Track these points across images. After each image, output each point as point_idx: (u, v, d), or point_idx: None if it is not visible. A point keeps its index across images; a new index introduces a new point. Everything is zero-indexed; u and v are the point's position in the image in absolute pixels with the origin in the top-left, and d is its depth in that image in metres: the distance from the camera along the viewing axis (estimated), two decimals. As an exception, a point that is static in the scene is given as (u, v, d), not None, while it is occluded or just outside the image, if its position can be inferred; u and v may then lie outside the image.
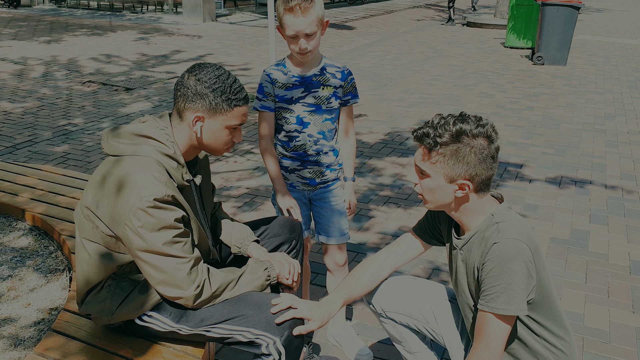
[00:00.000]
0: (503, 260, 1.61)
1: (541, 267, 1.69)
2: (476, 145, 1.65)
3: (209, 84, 1.78)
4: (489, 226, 1.71)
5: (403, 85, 8.33)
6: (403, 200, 4.42)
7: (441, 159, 1.67)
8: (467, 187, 1.69)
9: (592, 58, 11.00)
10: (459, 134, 1.65)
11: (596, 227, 4.03)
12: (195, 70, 1.81)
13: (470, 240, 1.77)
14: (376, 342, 2.78)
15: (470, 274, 1.77)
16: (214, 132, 1.84)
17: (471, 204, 1.73)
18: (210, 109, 1.80)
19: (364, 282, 2.02)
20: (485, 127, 1.67)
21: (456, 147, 1.65)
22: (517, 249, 1.61)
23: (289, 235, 2.28)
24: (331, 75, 2.41)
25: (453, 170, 1.67)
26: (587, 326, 2.94)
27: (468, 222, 1.77)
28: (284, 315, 1.79)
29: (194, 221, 1.87)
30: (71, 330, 2.00)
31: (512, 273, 1.60)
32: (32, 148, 5.47)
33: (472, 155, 1.65)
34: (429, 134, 1.67)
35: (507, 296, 1.61)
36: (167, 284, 1.76)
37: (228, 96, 1.80)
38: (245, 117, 1.88)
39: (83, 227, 1.83)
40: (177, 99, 1.82)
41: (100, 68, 9.05)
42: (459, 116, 1.69)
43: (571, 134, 6.19)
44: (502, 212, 1.73)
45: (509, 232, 1.64)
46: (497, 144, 1.70)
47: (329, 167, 2.52)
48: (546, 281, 1.71)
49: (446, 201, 1.74)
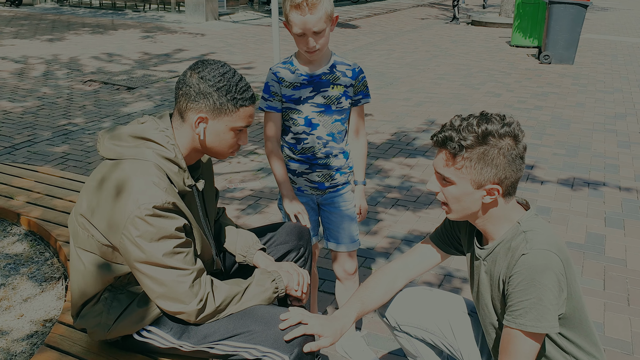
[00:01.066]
0: (532, 273, 1.48)
1: (572, 279, 1.56)
2: (504, 146, 1.53)
3: (213, 82, 1.65)
4: (516, 235, 1.58)
5: (409, 85, 8.20)
6: (412, 203, 4.29)
7: (467, 163, 1.54)
8: (497, 191, 1.56)
9: (599, 57, 10.85)
10: (485, 135, 1.52)
11: (612, 230, 3.90)
12: (198, 67, 1.68)
13: (495, 250, 1.64)
14: (387, 353, 2.66)
15: (495, 286, 1.64)
16: (218, 134, 1.71)
17: (498, 210, 1.61)
18: (215, 110, 1.67)
19: (378, 294, 1.89)
20: (511, 125, 1.54)
21: (483, 150, 1.53)
22: (548, 261, 1.48)
23: (296, 242, 2.16)
24: (341, 74, 2.28)
25: (481, 175, 1.54)
26: (607, 336, 2.81)
27: (493, 230, 1.64)
28: (294, 331, 1.66)
29: (196, 230, 1.74)
30: (65, 345, 1.88)
31: (543, 287, 1.48)
32: (31, 148, 5.35)
33: (500, 157, 1.53)
34: (452, 138, 1.54)
35: (537, 312, 1.48)
36: (168, 298, 1.63)
37: (233, 95, 1.67)
38: (252, 118, 1.75)
39: (77, 235, 1.71)
40: (178, 98, 1.69)
41: (101, 67, 8.93)
42: (481, 116, 1.56)
43: (582, 134, 6.05)
44: (529, 220, 1.60)
45: (538, 243, 1.51)
46: (524, 142, 1.57)
47: (339, 171, 2.39)
48: (577, 294, 1.58)
49: (473, 209, 1.61)
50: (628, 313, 2.99)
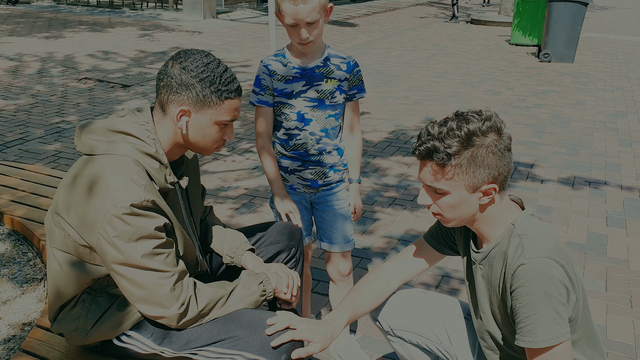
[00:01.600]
0: (534, 285, 1.39)
1: (577, 281, 1.47)
2: (490, 143, 1.45)
3: (195, 73, 1.56)
4: (510, 238, 1.49)
5: (407, 83, 8.11)
6: (409, 202, 4.20)
7: (458, 170, 1.45)
8: (494, 190, 1.48)
9: (599, 55, 10.76)
10: (469, 137, 1.43)
11: (614, 230, 3.81)
12: (180, 57, 1.59)
13: (490, 254, 1.55)
14: (382, 357, 2.57)
15: (493, 292, 1.55)
16: (202, 128, 1.62)
17: (494, 208, 1.52)
18: (198, 102, 1.58)
19: (370, 297, 1.80)
20: (491, 119, 1.46)
21: (471, 153, 1.44)
22: (549, 269, 1.39)
23: (287, 242, 2.07)
24: (335, 67, 2.18)
25: (475, 178, 1.46)
26: (610, 339, 2.72)
27: (488, 232, 1.56)
28: (281, 337, 1.57)
29: (178, 229, 1.64)
30: (42, 351, 1.79)
31: (548, 297, 1.39)
32: (22, 146, 5.26)
33: (490, 156, 1.44)
34: (437, 148, 1.44)
35: (546, 325, 1.39)
36: (148, 302, 1.54)
37: (218, 87, 1.58)
38: (238, 111, 1.65)
39: (53, 235, 1.62)
40: (159, 90, 1.60)
41: (97, 65, 8.83)
42: (458, 117, 1.46)
43: (582, 132, 5.96)
44: (524, 222, 1.51)
45: (536, 250, 1.42)
46: (508, 132, 1.49)
47: (333, 168, 2.30)
48: (580, 294, 1.49)
49: (471, 213, 1.52)
50: (631, 315, 2.90)
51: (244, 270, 1.81)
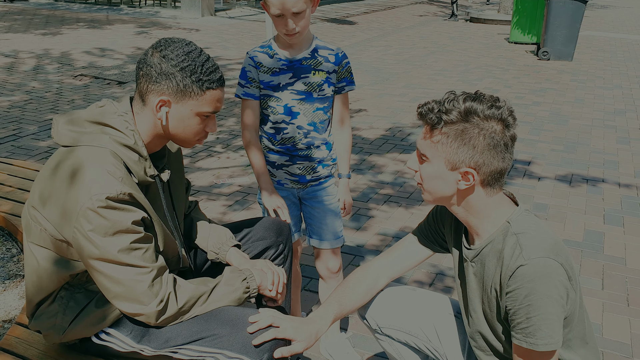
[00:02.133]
0: (536, 286, 1.34)
1: (574, 279, 1.41)
2: (487, 128, 1.39)
3: (176, 62, 1.51)
4: (506, 237, 1.44)
5: (405, 80, 8.06)
6: (405, 199, 4.15)
7: (444, 139, 1.41)
8: (472, 176, 1.42)
9: (598, 54, 10.71)
10: (468, 113, 1.38)
11: (611, 228, 3.76)
12: (160, 45, 1.54)
13: (483, 251, 1.49)
14: (373, 355, 2.52)
15: (485, 292, 1.50)
16: (182, 119, 1.56)
17: (478, 201, 1.46)
18: (178, 92, 1.52)
19: (358, 295, 1.75)
20: (500, 109, 1.40)
21: (463, 128, 1.39)
22: (549, 270, 1.34)
23: (275, 238, 2.02)
24: (323, 59, 2.13)
25: (456, 154, 1.41)
26: (606, 338, 2.67)
27: (477, 225, 1.50)
28: (264, 335, 1.51)
29: (158, 224, 1.59)
30: (20, 349, 1.74)
31: (549, 299, 1.34)
32: (15, 142, 5.21)
33: (480, 138, 1.39)
34: (433, 109, 1.42)
35: (547, 328, 1.35)
36: (125, 298, 1.49)
37: (199, 77, 1.53)
38: (220, 103, 1.60)
39: (30, 229, 1.57)
40: (139, 79, 1.55)
41: (93, 61, 8.78)
42: (472, 94, 1.43)
43: (580, 130, 5.91)
44: (519, 219, 1.45)
45: (535, 250, 1.37)
46: (514, 131, 1.43)
47: (321, 163, 2.25)
48: (577, 292, 1.44)
49: (447, 193, 1.47)
50: (627, 314, 2.85)
51: (228, 266, 1.76)
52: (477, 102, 1.39)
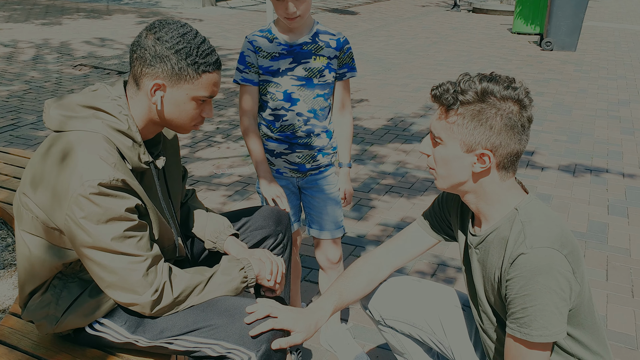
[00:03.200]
0: (535, 276, 1.29)
1: (581, 273, 1.37)
2: (504, 108, 1.34)
3: (171, 44, 1.46)
4: (512, 224, 1.39)
5: (407, 70, 7.99)
6: (406, 190, 4.10)
7: (460, 120, 1.36)
8: (488, 158, 1.37)
9: (602, 44, 10.62)
10: (484, 93, 1.34)
11: (615, 219, 3.71)
12: (155, 27, 1.49)
13: (488, 238, 1.45)
14: (375, 347, 2.48)
15: (488, 280, 1.45)
16: (178, 104, 1.51)
17: (491, 186, 1.41)
18: (173, 75, 1.47)
19: (359, 285, 1.70)
20: (517, 90, 1.36)
21: (479, 108, 1.34)
22: (550, 261, 1.29)
23: (274, 227, 1.97)
24: (324, 44, 2.08)
25: (472, 135, 1.36)
26: (610, 330, 2.63)
27: (486, 211, 1.45)
28: (261, 326, 1.47)
29: (153, 212, 1.55)
30: (14, 339, 1.70)
31: (547, 290, 1.29)
32: (14, 132, 5.16)
33: (497, 119, 1.34)
34: (448, 90, 1.37)
35: (544, 319, 1.30)
36: (119, 288, 1.45)
37: (195, 59, 1.48)
38: (217, 87, 1.55)
39: (21, 217, 1.52)
40: (133, 62, 1.50)
41: (93, 51, 8.72)
42: (488, 75, 1.39)
43: (584, 120, 5.85)
44: (528, 207, 1.41)
45: (538, 239, 1.32)
46: (531, 113, 1.38)
47: (321, 151, 2.20)
48: (584, 287, 1.40)
49: (462, 178, 1.42)
50: (632, 305, 2.81)
51: (225, 256, 1.71)
52: (493, 82, 1.35)
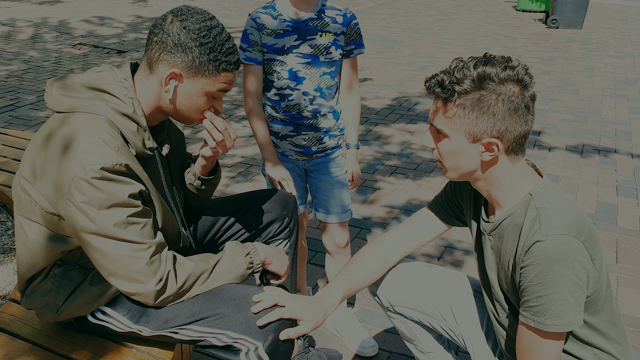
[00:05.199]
0: (551, 264, 1.24)
1: (597, 258, 1.31)
2: (505, 92, 1.27)
3: (197, 36, 1.39)
4: (527, 210, 1.33)
5: (411, 49, 7.88)
6: (412, 171, 4.04)
7: (460, 111, 1.29)
8: (497, 147, 1.30)
9: (609, 21, 10.47)
10: (481, 79, 1.27)
11: (624, 200, 3.66)
12: (183, 14, 1.41)
13: (502, 224, 1.39)
14: (382, 331, 2.44)
15: (502, 267, 1.40)
16: (190, 96, 1.45)
17: (501, 171, 1.35)
18: (192, 68, 1.41)
19: (368, 271, 1.65)
20: (515, 69, 1.28)
21: (479, 96, 1.27)
22: (567, 248, 1.24)
23: (280, 211, 1.92)
24: (331, 20, 2.00)
25: (476, 125, 1.29)
26: (621, 313, 2.58)
27: (499, 196, 1.39)
28: (269, 315, 1.42)
29: (157, 199, 1.49)
30: (14, 327, 1.65)
31: (563, 279, 1.23)
32: (13, 112, 5.10)
33: (499, 105, 1.27)
34: (443, 82, 1.30)
35: (559, 308, 1.25)
36: (121, 276, 1.39)
37: (217, 56, 1.41)
38: (232, 84, 1.49)
39: (20, 202, 1.46)
40: (151, 44, 1.42)
41: (92, 30, 8.60)
42: (482, 58, 1.31)
43: (591, 99, 5.76)
44: (543, 192, 1.34)
45: (554, 226, 1.26)
46: (533, 90, 1.31)
47: (328, 133, 2.13)
48: (602, 274, 1.34)
49: (471, 168, 1.36)
50: (643, 289, 2.77)
51: (229, 241, 1.66)
52: (489, 65, 1.28)
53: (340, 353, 2.28)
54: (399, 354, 2.31)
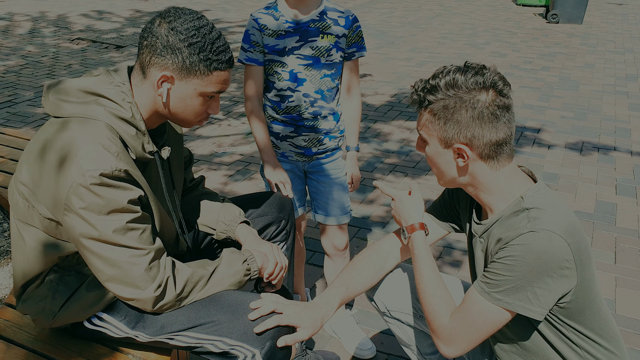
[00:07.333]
0: (526, 253, 1.24)
1: (584, 267, 1.30)
2: (468, 99, 1.29)
3: (185, 36, 1.37)
4: (518, 212, 1.32)
5: (411, 44, 7.85)
6: (411, 169, 4.03)
7: (431, 118, 1.35)
8: (465, 153, 1.33)
9: (609, 16, 10.44)
10: (448, 87, 1.31)
11: (623, 199, 3.65)
12: (170, 16, 1.40)
13: (492, 227, 1.39)
14: (379, 332, 2.44)
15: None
16: (184, 98, 1.44)
17: (485, 177, 1.35)
18: (183, 69, 1.39)
19: (365, 277, 1.64)
20: (484, 75, 1.30)
21: (445, 103, 1.32)
22: (550, 244, 1.23)
23: (277, 214, 1.91)
24: (332, 22, 1.99)
25: (445, 131, 1.34)
26: (619, 315, 2.58)
27: (489, 201, 1.39)
28: (266, 322, 1.42)
29: (155, 204, 1.48)
30: (9, 332, 1.64)
31: (534, 272, 1.24)
32: (10, 109, 5.08)
33: (462, 112, 1.30)
34: (418, 89, 1.37)
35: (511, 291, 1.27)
36: (120, 282, 1.38)
37: (207, 55, 1.39)
38: (226, 84, 1.47)
39: (17, 206, 1.45)
40: (142, 49, 1.41)
41: (90, 25, 8.57)
42: (457, 67, 1.35)
43: (591, 96, 5.75)
44: (535, 196, 1.33)
45: (543, 223, 1.26)
46: (505, 99, 1.31)
47: (328, 135, 2.12)
48: (590, 282, 1.33)
49: (452, 174, 1.40)
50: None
51: (226, 248, 1.65)
52: (459, 73, 1.31)
53: (338, 355, 2.27)
54: (397, 356, 2.31)
